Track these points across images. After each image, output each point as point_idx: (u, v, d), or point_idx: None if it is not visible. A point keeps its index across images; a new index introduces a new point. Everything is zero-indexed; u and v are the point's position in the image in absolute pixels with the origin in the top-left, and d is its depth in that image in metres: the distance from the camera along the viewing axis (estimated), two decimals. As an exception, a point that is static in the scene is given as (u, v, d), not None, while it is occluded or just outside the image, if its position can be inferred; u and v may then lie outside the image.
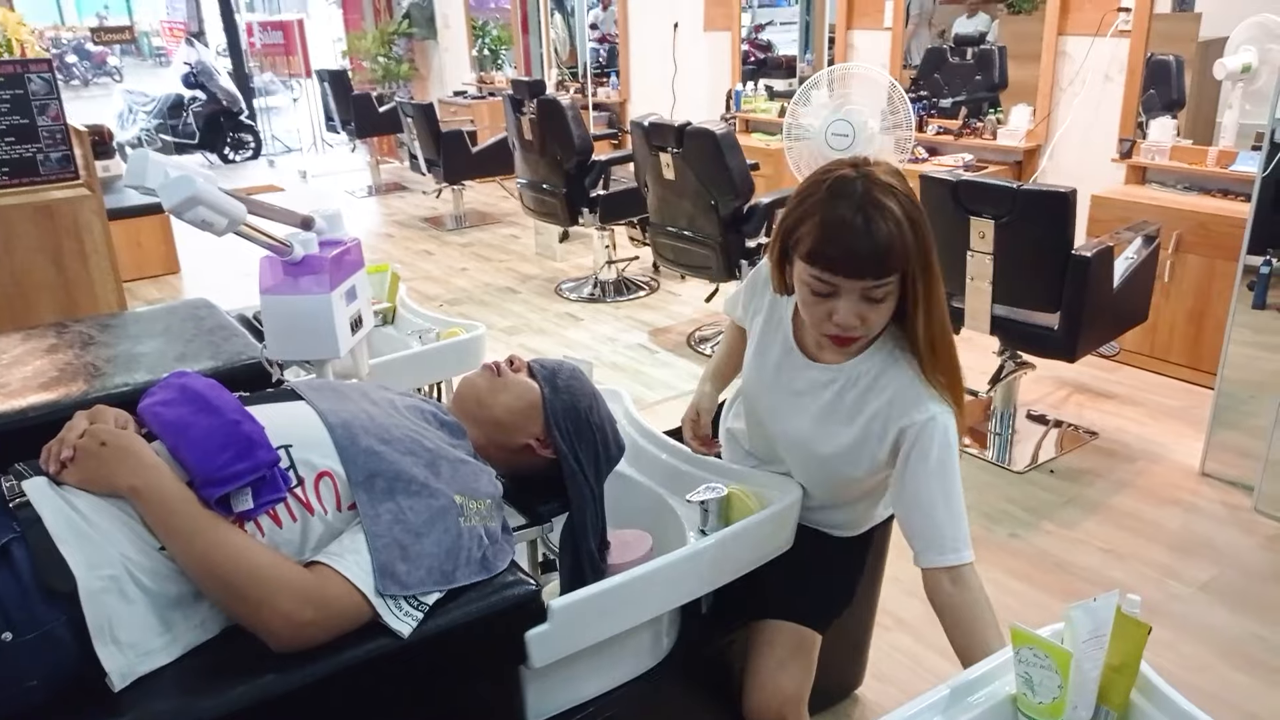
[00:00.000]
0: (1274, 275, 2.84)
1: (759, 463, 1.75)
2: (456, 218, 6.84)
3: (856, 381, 1.49)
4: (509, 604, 1.30)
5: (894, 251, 1.31)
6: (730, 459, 1.81)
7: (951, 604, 1.39)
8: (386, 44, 9.26)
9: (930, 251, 1.35)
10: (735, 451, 1.81)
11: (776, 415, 1.61)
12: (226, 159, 9.50)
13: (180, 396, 1.31)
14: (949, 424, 1.41)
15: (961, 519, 1.42)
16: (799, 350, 1.56)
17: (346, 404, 1.38)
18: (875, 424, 1.47)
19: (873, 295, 1.35)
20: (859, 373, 1.49)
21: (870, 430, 1.48)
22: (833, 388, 1.51)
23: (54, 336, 2.20)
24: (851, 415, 1.49)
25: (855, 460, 1.52)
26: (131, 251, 5.28)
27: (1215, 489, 2.99)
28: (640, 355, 4.27)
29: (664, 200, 4.11)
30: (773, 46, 6.52)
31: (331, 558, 1.21)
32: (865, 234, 1.30)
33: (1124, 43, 4.02)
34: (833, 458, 1.54)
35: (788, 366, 1.57)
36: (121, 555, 1.14)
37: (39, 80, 3.29)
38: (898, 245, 1.31)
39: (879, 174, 1.34)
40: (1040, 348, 3.08)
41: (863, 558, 1.79)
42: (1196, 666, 2.22)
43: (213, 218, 1.51)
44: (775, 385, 1.60)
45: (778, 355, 1.59)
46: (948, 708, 1.11)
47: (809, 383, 1.54)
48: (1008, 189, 2.90)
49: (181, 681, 1.14)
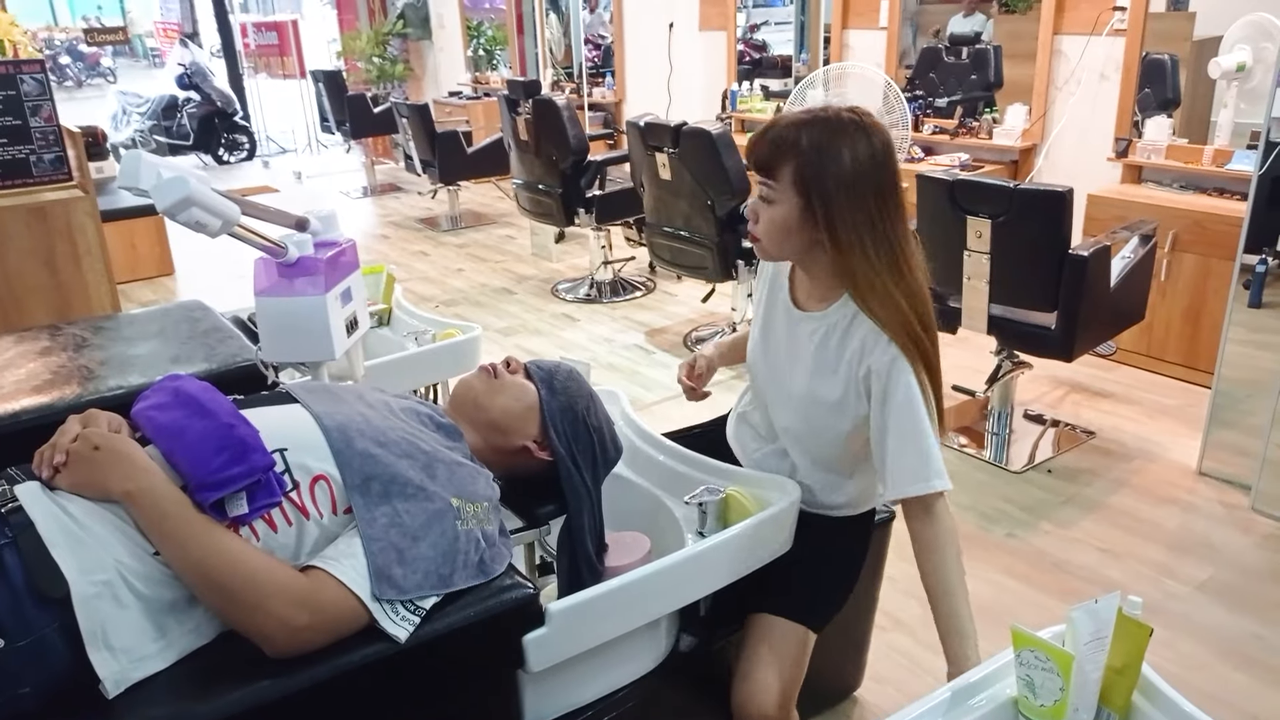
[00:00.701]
0: (1270, 273, 2.84)
1: (764, 445, 1.76)
2: (452, 218, 6.83)
3: (835, 328, 1.54)
4: (507, 607, 1.30)
5: (779, 152, 1.43)
6: (737, 444, 1.82)
7: (921, 535, 1.48)
8: (381, 44, 9.25)
9: (841, 189, 1.41)
10: (743, 434, 1.82)
11: (777, 377, 1.64)
12: (221, 160, 9.47)
13: (174, 400, 1.30)
14: (910, 364, 1.47)
15: (931, 452, 1.48)
16: (794, 305, 1.62)
17: (342, 407, 1.37)
18: (853, 369, 1.52)
19: (763, 194, 1.47)
20: (836, 319, 1.54)
21: (851, 376, 1.53)
22: (818, 336, 1.56)
23: (47, 339, 2.18)
24: (835, 363, 1.55)
25: (842, 411, 1.56)
26: (125, 253, 5.27)
27: (1212, 488, 2.99)
28: (637, 356, 4.27)
29: (660, 200, 4.10)
30: (768, 46, 6.52)
31: (327, 562, 1.20)
32: (767, 130, 1.46)
33: (1119, 42, 4.02)
34: (825, 413, 1.57)
35: (787, 326, 1.62)
36: (115, 560, 1.13)
37: (32, 81, 3.27)
38: (784, 148, 1.42)
39: (843, 113, 1.44)
40: (1037, 347, 3.08)
41: (860, 552, 1.78)
42: (1194, 666, 2.22)
43: (207, 219, 1.50)
44: (776, 349, 1.64)
45: (781, 317, 1.64)
46: (949, 710, 1.10)
47: (802, 335, 1.60)
48: (1004, 188, 2.89)
49: (176, 687, 1.13)
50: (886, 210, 1.44)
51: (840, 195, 1.41)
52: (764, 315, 1.68)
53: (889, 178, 1.44)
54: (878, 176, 1.43)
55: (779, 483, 1.62)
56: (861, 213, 1.43)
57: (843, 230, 1.43)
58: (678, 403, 3.29)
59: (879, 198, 1.43)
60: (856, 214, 1.42)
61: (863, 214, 1.43)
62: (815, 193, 1.42)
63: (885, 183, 1.44)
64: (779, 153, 1.43)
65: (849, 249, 1.44)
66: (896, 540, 2.70)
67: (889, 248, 1.45)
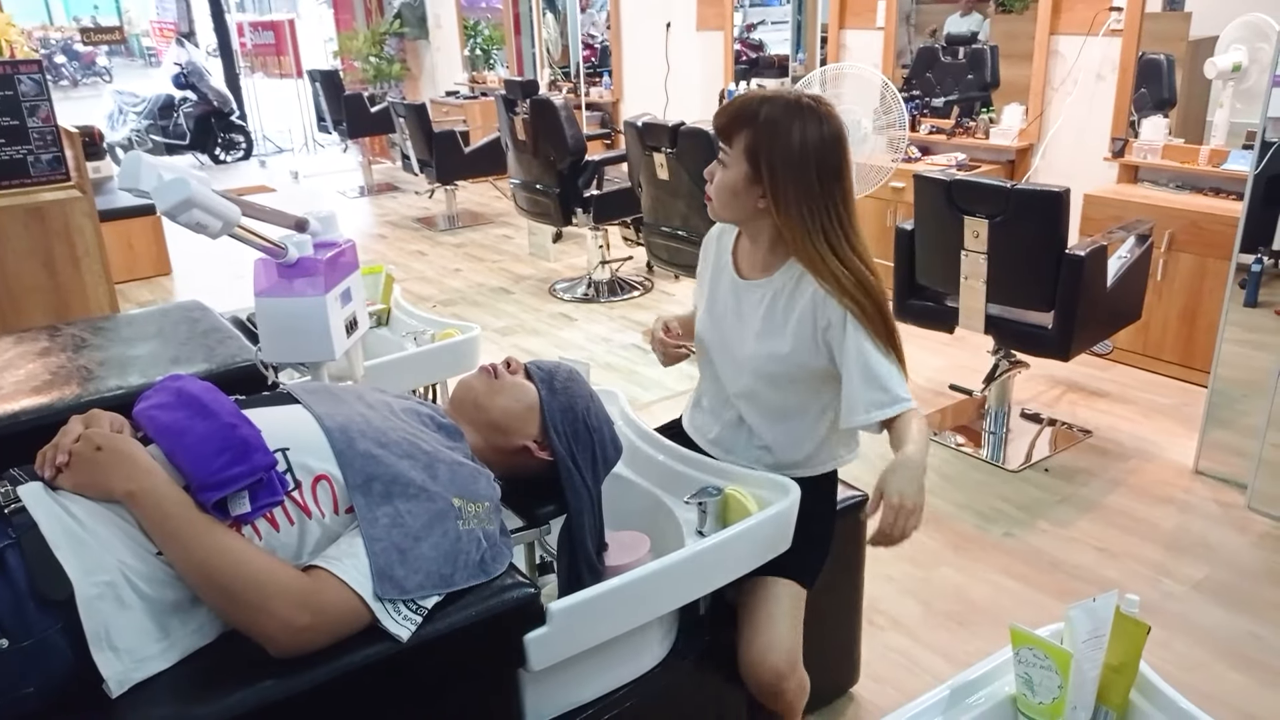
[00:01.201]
0: (1266, 273, 2.85)
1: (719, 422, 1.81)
2: (449, 218, 6.83)
3: (781, 291, 1.65)
4: (508, 607, 1.30)
5: (736, 121, 1.56)
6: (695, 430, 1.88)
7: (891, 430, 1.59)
8: (378, 44, 9.24)
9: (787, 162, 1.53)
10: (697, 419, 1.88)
11: (727, 345, 1.73)
12: (218, 160, 9.46)
13: (176, 400, 1.30)
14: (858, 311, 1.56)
15: (891, 380, 1.57)
16: (737, 274, 1.72)
17: (343, 407, 1.37)
18: (804, 328, 1.62)
19: (719, 158, 1.61)
20: (782, 283, 1.65)
21: (801, 335, 1.62)
22: (765, 301, 1.66)
23: (46, 340, 2.18)
24: (782, 325, 1.64)
25: (792, 362, 1.64)
26: (123, 253, 5.27)
27: (1209, 487, 3.00)
28: (635, 355, 4.27)
29: (658, 200, 4.11)
30: (765, 46, 6.52)
31: (329, 562, 1.20)
32: (731, 102, 1.60)
33: (1115, 42, 4.03)
34: (776, 366, 1.65)
35: (734, 296, 1.72)
36: (118, 561, 1.13)
37: (29, 81, 3.27)
38: (740, 117, 1.56)
39: (803, 98, 1.57)
40: (1034, 347, 3.09)
41: (829, 509, 1.82)
42: (1191, 665, 2.23)
43: (207, 220, 1.51)
44: (724, 318, 1.74)
45: (726, 288, 1.74)
46: (948, 708, 1.11)
47: (748, 303, 1.69)
48: (1001, 188, 2.90)
49: (178, 688, 1.14)
50: (829, 190, 1.56)
51: (785, 168, 1.54)
52: (710, 290, 1.78)
53: (835, 161, 1.56)
54: (823, 158, 1.55)
55: (778, 483, 1.63)
56: (803, 187, 1.55)
57: (783, 199, 1.55)
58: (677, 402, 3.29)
59: (822, 177, 1.55)
60: (799, 187, 1.55)
61: (804, 189, 1.55)
62: (763, 162, 1.55)
63: (830, 165, 1.56)
64: (736, 122, 1.56)
65: (789, 217, 1.56)
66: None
67: (828, 223, 1.57)
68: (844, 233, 1.58)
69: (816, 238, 1.57)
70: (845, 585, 1.98)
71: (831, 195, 1.56)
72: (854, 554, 2.00)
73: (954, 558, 2.64)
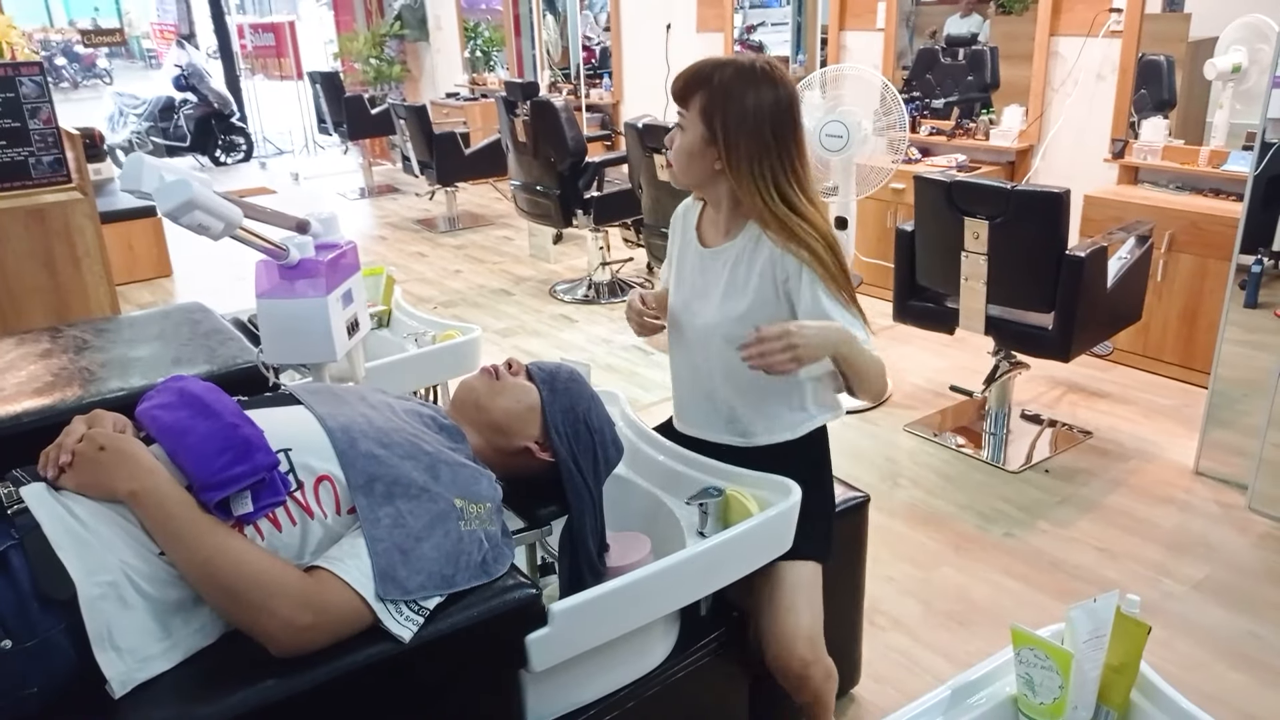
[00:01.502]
0: (1266, 274, 2.85)
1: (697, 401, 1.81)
2: (449, 219, 6.83)
3: (740, 254, 1.68)
4: (509, 608, 1.30)
5: (692, 85, 1.60)
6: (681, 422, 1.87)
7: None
8: (378, 45, 9.25)
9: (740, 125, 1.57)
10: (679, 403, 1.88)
11: (693, 317, 1.76)
12: (218, 161, 9.47)
13: (179, 400, 1.30)
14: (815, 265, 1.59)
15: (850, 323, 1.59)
16: (701, 244, 1.76)
17: (345, 408, 1.38)
18: (765, 284, 1.64)
19: (678, 121, 1.65)
20: (741, 246, 1.68)
21: (763, 292, 1.65)
22: (728, 266, 1.69)
23: (48, 341, 2.19)
24: (744, 286, 1.67)
25: (750, 319, 1.63)
26: (123, 254, 5.27)
27: (1209, 487, 3.00)
28: (635, 357, 4.27)
29: (658, 201, 4.11)
30: (765, 47, 6.53)
31: (331, 562, 1.20)
32: (689, 67, 1.63)
33: (1115, 43, 4.04)
34: (734, 325, 1.66)
35: (699, 266, 1.75)
36: (120, 561, 1.13)
37: (30, 83, 3.28)
38: (696, 80, 1.60)
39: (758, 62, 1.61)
40: (1034, 348, 3.09)
41: (822, 472, 1.82)
42: (1192, 665, 2.23)
43: (209, 222, 1.51)
44: (690, 290, 1.76)
45: (692, 261, 1.77)
46: (949, 708, 1.11)
47: (711, 271, 1.72)
48: (1001, 190, 2.91)
49: (181, 687, 1.14)
50: (783, 153, 1.60)
51: (738, 130, 1.58)
52: (677, 265, 1.82)
53: (787, 125, 1.60)
54: (776, 121, 1.59)
55: (779, 483, 1.63)
56: (756, 144, 1.58)
57: (736, 160, 1.59)
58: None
59: (776, 140, 1.59)
60: (751, 144, 1.58)
61: (757, 146, 1.58)
62: (718, 124, 1.58)
63: (782, 128, 1.60)
64: (692, 86, 1.61)
65: (740, 173, 1.60)
66: (894, 541, 2.72)
67: (781, 176, 1.60)
68: (798, 185, 1.62)
69: (769, 192, 1.60)
70: (846, 586, 1.99)
71: (785, 150, 1.60)
72: (855, 555, 2.01)
73: (955, 558, 2.64)
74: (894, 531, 2.77)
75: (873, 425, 3.44)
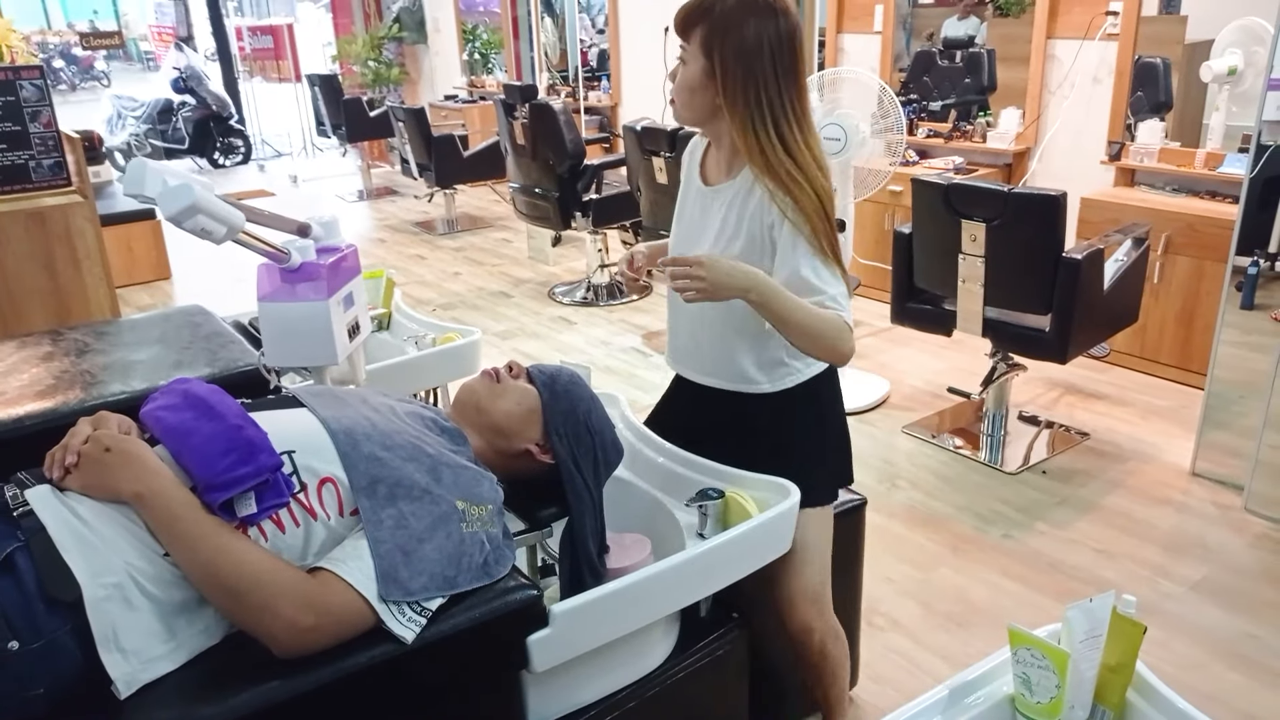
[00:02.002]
0: (1262, 275, 2.87)
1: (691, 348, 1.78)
2: (448, 222, 6.84)
3: (738, 194, 1.62)
4: (511, 609, 1.31)
5: (694, 17, 1.55)
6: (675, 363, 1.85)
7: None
8: (376, 48, 9.25)
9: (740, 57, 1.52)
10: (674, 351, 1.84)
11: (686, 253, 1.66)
12: (216, 164, 9.48)
13: (183, 402, 1.31)
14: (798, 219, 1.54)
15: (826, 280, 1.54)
16: (703, 183, 1.72)
17: (347, 410, 1.39)
18: (755, 227, 1.60)
19: (680, 55, 1.60)
20: (737, 187, 1.63)
21: (752, 234, 1.60)
22: (724, 205, 1.65)
23: (49, 344, 2.19)
24: (737, 228, 1.62)
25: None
26: (122, 256, 5.28)
27: (1206, 488, 3.01)
28: (634, 358, 4.28)
29: (657, 204, 4.12)
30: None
31: (334, 563, 1.21)
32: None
33: (1112, 45, 4.05)
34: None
35: (700, 206, 1.71)
36: (125, 562, 1.14)
37: (31, 87, 3.28)
38: (699, 14, 1.55)
39: None
40: (1032, 349, 3.10)
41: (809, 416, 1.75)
42: (1190, 665, 2.24)
43: (212, 226, 1.51)
44: (690, 229, 1.73)
45: (693, 200, 1.74)
46: (947, 708, 1.12)
47: (711, 211, 1.68)
48: (999, 192, 2.92)
49: (185, 688, 1.15)
50: (783, 88, 1.55)
51: (737, 62, 1.53)
52: (679, 203, 1.78)
53: (789, 58, 1.55)
54: (777, 54, 1.53)
55: (778, 484, 1.64)
56: (755, 83, 1.53)
57: (733, 94, 1.54)
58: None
59: (777, 73, 1.54)
60: (749, 82, 1.53)
61: (756, 84, 1.53)
62: (717, 56, 1.53)
63: (784, 61, 1.54)
64: (694, 18, 1.56)
65: (737, 108, 1.55)
66: (892, 542, 2.72)
67: (780, 114, 1.55)
68: (798, 127, 1.57)
69: (766, 131, 1.54)
70: (845, 587, 1.99)
71: (786, 87, 1.55)
72: (853, 556, 2.02)
73: (953, 559, 2.65)
74: (892, 533, 2.78)
75: (871, 427, 3.45)
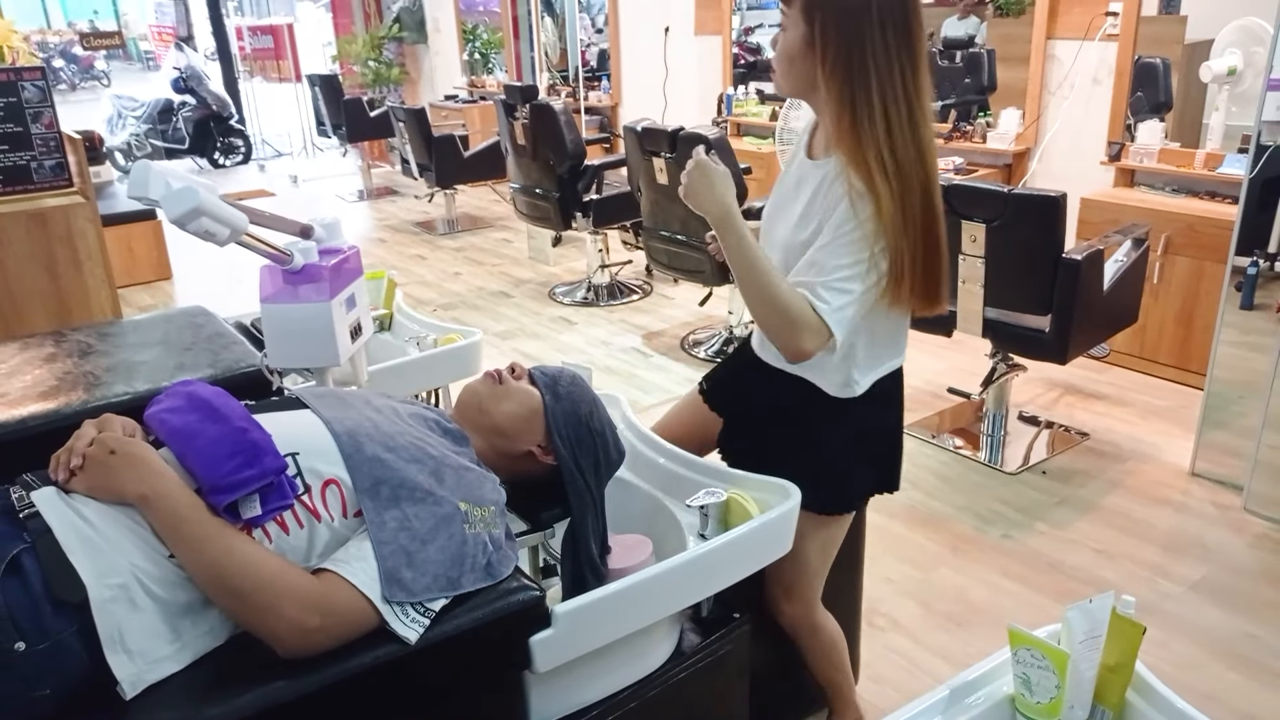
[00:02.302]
0: (1261, 276, 2.87)
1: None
2: (448, 222, 6.85)
3: (823, 180, 1.48)
4: (513, 609, 1.32)
5: None
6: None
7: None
8: (377, 48, 9.26)
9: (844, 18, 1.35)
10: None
11: (771, 222, 1.60)
12: (216, 164, 9.49)
13: (187, 404, 1.31)
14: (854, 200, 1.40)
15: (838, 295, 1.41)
16: (808, 154, 1.58)
17: (350, 412, 1.39)
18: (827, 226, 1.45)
19: (781, 21, 1.44)
20: (826, 170, 1.48)
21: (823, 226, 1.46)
22: (815, 182, 1.49)
23: (52, 345, 2.20)
24: (819, 211, 1.47)
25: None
26: (123, 257, 5.28)
27: (1205, 488, 3.02)
28: (634, 359, 4.29)
29: (657, 204, 4.13)
30: (762, 49, 6.54)
31: (338, 565, 1.22)
32: None
33: (1112, 46, 4.06)
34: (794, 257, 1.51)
35: (796, 176, 1.58)
36: (131, 564, 1.15)
37: (32, 88, 3.29)
38: None
39: None
40: (1031, 350, 3.11)
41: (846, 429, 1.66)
42: (1189, 665, 2.25)
43: (215, 228, 1.52)
44: (780, 200, 1.61)
45: (795, 169, 1.60)
46: (947, 708, 1.13)
47: (804, 186, 1.53)
48: (999, 193, 2.93)
49: (190, 689, 1.15)
50: (893, 55, 1.36)
51: (840, 25, 1.35)
52: (783, 172, 1.64)
53: (903, 24, 1.36)
54: (887, 19, 1.35)
55: (779, 485, 1.65)
56: (857, 49, 1.35)
57: (832, 64, 1.37)
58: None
59: (885, 37, 1.35)
60: (852, 49, 1.35)
61: (859, 51, 1.35)
62: (818, 19, 1.37)
63: (897, 28, 1.35)
64: None
65: (835, 87, 1.38)
66: (892, 542, 2.73)
67: (890, 92, 1.37)
68: (906, 108, 1.37)
69: (869, 109, 1.36)
70: (845, 587, 2.00)
71: (898, 58, 1.35)
72: (853, 556, 2.02)
73: (953, 559, 2.66)
74: (892, 533, 2.79)
75: (871, 427, 3.45)
